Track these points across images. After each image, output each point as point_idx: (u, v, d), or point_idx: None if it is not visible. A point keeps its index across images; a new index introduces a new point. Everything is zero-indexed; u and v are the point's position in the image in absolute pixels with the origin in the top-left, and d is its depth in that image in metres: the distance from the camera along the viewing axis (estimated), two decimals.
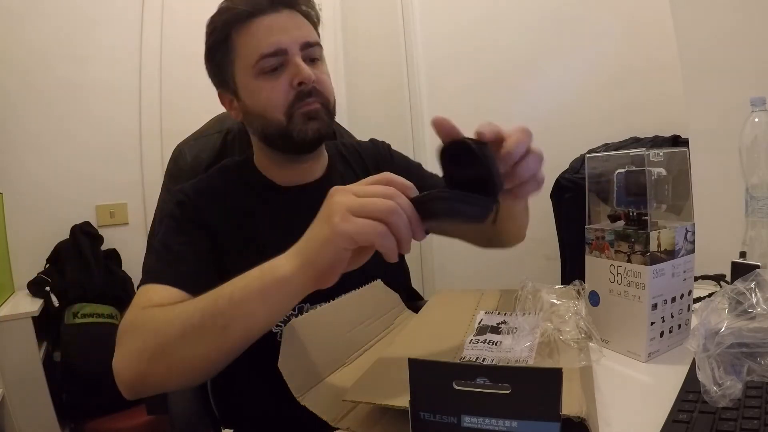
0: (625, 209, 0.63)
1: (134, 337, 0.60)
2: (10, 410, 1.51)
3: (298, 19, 0.77)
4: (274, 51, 0.73)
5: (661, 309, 0.61)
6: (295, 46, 0.74)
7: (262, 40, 0.74)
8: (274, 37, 0.73)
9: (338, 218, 0.47)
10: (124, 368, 0.59)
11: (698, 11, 1.07)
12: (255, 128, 0.80)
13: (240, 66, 0.76)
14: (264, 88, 0.75)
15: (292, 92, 0.74)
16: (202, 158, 0.96)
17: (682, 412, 0.45)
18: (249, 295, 0.53)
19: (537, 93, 2.14)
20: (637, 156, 0.62)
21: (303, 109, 0.75)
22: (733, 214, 0.84)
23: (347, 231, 0.47)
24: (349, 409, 0.52)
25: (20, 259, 1.86)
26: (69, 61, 1.95)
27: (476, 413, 0.38)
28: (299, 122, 0.75)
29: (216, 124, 1.01)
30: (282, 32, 0.74)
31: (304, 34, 0.76)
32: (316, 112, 0.76)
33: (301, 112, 0.75)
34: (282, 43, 0.73)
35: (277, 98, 0.75)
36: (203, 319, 0.55)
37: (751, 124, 0.79)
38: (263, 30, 0.74)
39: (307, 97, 0.75)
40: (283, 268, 0.52)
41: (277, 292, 0.52)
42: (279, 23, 0.74)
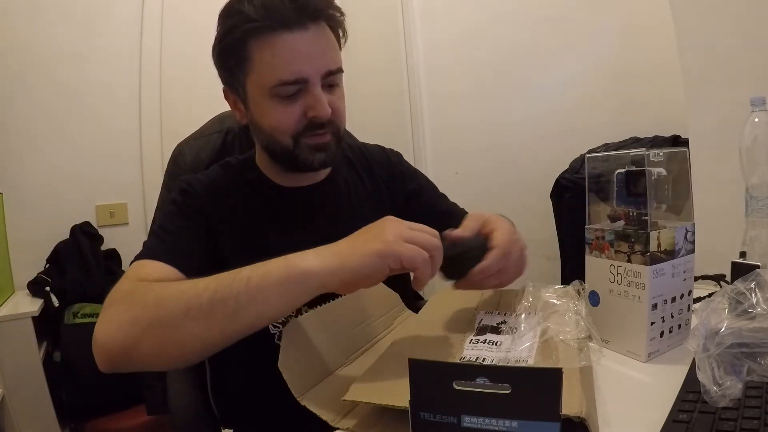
0: (625, 209, 0.63)
1: (129, 306, 0.57)
2: (10, 410, 1.51)
3: (324, 39, 0.72)
4: (295, 80, 0.69)
5: (661, 309, 0.61)
6: (316, 76, 0.70)
7: (284, 64, 0.69)
8: (296, 64, 0.69)
9: (392, 238, 0.54)
10: (110, 336, 0.56)
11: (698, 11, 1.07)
12: (260, 140, 0.79)
13: (254, 80, 0.72)
14: (276, 111, 0.72)
15: (304, 121, 0.72)
16: (202, 158, 0.96)
17: (682, 412, 0.45)
18: (268, 283, 0.54)
19: (537, 93, 2.14)
20: (637, 156, 0.62)
21: (312, 140, 0.73)
22: (733, 214, 0.84)
23: (399, 251, 0.54)
24: (349, 409, 0.52)
25: (20, 259, 1.86)
26: (69, 61, 1.95)
27: (476, 413, 0.38)
28: (306, 151, 0.74)
29: (216, 123, 1.01)
30: (305, 59, 0.69)
31: (328, 61, 0.72)
32: (325, 144, 0.75)
33: (309, 143, 0.73)
34: (305, 72, 0.69)
35: (288, 124, 0.72)
36: (213, 300, 0.53)
37: (751, 124, 0.79)
38: (286, 52, 0.68)
39: (319, 128, 0.73)
40: (311, 263, 0.54)
41: (299, 284, 0.54)
42: (303, 46, 0.69)
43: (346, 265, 0.54)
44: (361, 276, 0.54)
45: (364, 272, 0.54)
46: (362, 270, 0.54)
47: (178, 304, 0.54)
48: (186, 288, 0.56)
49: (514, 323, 0.64)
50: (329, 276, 0.54)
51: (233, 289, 0.54)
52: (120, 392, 1.71)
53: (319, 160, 0.75)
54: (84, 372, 1.68)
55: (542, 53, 2.08)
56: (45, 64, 1.91)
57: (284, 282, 0.54)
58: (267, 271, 0.54)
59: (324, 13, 0.72)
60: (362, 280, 0.55)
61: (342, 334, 0.67)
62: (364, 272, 0.54)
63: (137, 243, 0.74)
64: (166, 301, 0.55)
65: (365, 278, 0.55)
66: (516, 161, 2.18)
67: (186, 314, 0.54)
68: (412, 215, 0.67)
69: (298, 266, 0.54)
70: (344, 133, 0.80)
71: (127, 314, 0.56)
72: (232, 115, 1.02)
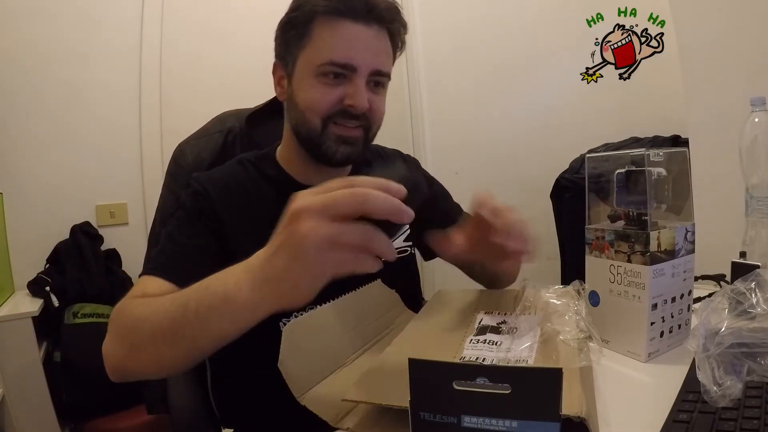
0: (625, 209, 0.63)
1: (118, 325, 0.62)
2: (10, 410, 1.51)
3: (382, 42, 0.75)
4: (344, 64, 0.71)
5: (661, 309, 0.61)
6: (366, 69, 0.72)
7: (339, 46, 0.71)
8: (351, 50, 0.71)
9: (312, 255, 0.41)
10: (108, 353, 0.62)
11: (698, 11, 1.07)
12: (291, 118, 0.79)
13: (306, 56, 0.74)
14: (316, 90, 0.73)
15: (338, 106, 0.73)
16: (203, 157, 0.95)
17: (682, 412, 0.45)
18: (211, 313, 0.50)
19: (537, 93, 2.14)
20: (637, 156, 0.62)
21: (340, 130, 0.74)
22: (733, 214, 0.84)
23: (324, 272, 0.43)
24: (349, 409, 0.52)
25: (20, 259, 1.86)
26: (69, 60, 1.95)
27: (476, 413, 0.38)
28: (332, 140, 0.74)
29: (217, 123, 1.01)
30: (362, 50, 0.72)
31: (380, 62, 0.74)
32: (354, 138, 0.75)
33: (337, 132, 0.74)
34: (356, 60, 0.71)
35: (322, 105, 0.73)
36: (173, 327, 0.54)
37: (751, 124, 0.79)
38: (346, 36, 0.71)
39: (351, 119, 0.74)
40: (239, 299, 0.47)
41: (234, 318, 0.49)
42: (363, 39, 0.72)
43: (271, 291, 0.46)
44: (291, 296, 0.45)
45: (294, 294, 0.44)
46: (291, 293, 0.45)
47: (147, 329, 0.56)
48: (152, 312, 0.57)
49: (514, 323, 0.64)
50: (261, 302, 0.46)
51: (187, 318, 0.52)
52: (120, 392, 1.70)
53: (343, 153, 0.75)
54: (84, 372, 1.68)
55: (543, 52, 2.08)
56: (45, 64, 1.91)
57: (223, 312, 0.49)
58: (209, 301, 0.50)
59: (389, 22, 0.75)
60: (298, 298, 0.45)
61: (342, 334, 0.67)
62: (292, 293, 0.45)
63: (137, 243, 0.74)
64: (139, 325, 0.58)
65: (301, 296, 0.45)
66: (516, 161, 2.18)
67: (152, 339, 0.56)
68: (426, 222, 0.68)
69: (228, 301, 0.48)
70: (373, 136, 0.80)
71: (116, 333, 0.62)
72: (233, 114, 1.02)
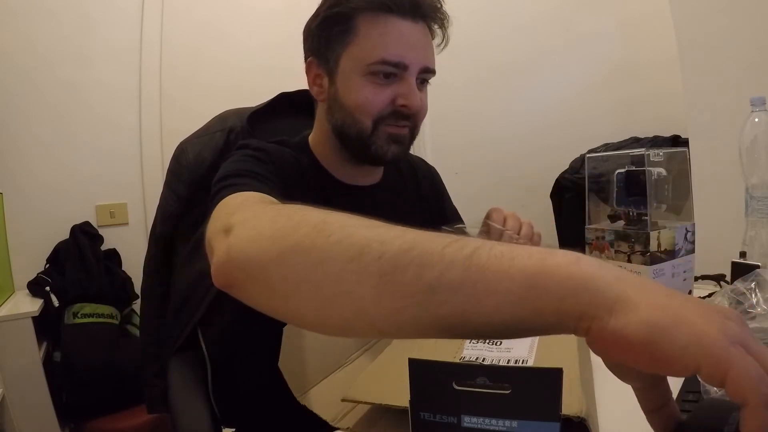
0: (625, 209, 0.63)
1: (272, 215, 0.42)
2: (10, 410, 1.51)
3: (428, 38, 0.75)
4: (397, 62, 0.70)
5: None
6: (416, 67, 0.72)
7: (390, 44, 0.70)
8: (402, 48, 0.70)
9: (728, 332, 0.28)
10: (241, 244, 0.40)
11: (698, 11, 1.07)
12: (335, 119, 0.75)
13: (353, 55, 0.71)
14: (366, 90, 0.71)
15: (390, 107, 0.72)
16: (204, 156, 0.95)
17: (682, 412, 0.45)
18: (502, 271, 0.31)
19: (537, 93, 2.14)
20: (637, 156, 0.62)
21: (391, 129, 0.73)
22: (733, 214, 0.84)
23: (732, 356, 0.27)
24: (349, 409, 0.52)
25: (20, 259, 1.86)
26: (69, 61, 1.95)
27: (476, 413, 0.38)
28: (383, 140, 0.73)
29: (218, 122, 1.01)
30: (412, 47, 0.71)
31: (429, 58, 0.74)
32: (403, 137, 0.75)
33: (388, 131, 0.73)
34: (407, 59, 0.70)
35: (374, 106, 0.71)
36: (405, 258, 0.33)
37: (751, 124, 0.79)
38: (395, 34, 0.70)
39: (403, 119, 0.73)
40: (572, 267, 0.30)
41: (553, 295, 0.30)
42: (412, 36, 0.71)
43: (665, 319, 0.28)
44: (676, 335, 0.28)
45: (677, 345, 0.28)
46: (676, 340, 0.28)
47: (346, 241, 0.35)
48: (361, 224, 0.37)
49: None
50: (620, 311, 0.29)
51: (444, 257, 0.32)
52: (120, 392, 1.71)
53: (393, 152, 0.75)
54: (84, 372, 1.68)
55: (543, 52, 2.08)
56: (45, 64, 1.91)
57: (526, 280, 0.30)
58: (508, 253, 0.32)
59: (434, 18, 0.74)
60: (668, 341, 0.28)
61: None
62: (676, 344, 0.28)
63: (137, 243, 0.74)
64: (329, 228, 0.36)
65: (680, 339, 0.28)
66: (516, 161, 2.18)
67: (352, 259, 0.34)
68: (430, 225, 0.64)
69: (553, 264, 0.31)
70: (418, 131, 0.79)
71: (267, 228, 0.40)
72: (235, 113, 1.02)
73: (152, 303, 0.96)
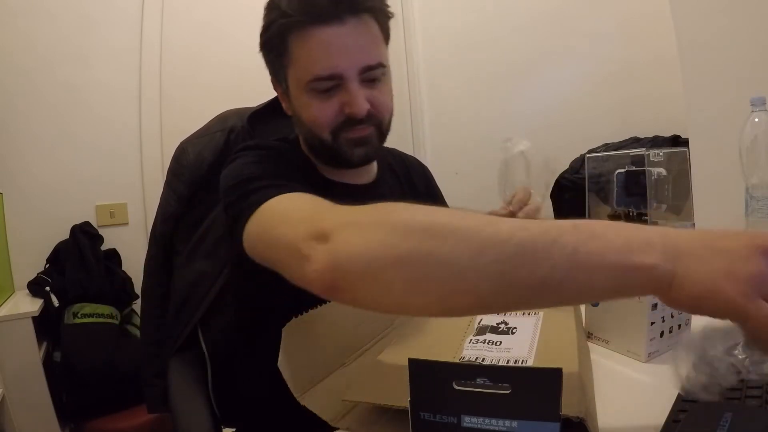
0: (625, 209, 0.63)
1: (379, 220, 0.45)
2: (10, 410, 1.51)
3: (363, 34, 0.69)
4: (329, 75, 0.68)
5: (661, 309, 0.61)
6: (352, 71, 0.68)
7: (318, 59, 0.67)
8: (331, 59, 0.67)
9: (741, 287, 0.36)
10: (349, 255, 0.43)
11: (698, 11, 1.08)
12: (301, 132, 0.77)
13: (293, 75, 0.71)
14: (313, 107, 0.70)
15: (341, 116, 0.70)
16: (204, 156, 0.95)
17: (681, 412, 0.45)
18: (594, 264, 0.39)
19: (537, 92, 2.14)
20: (637, 156, 0.62)
21: (351, 134, 0.71)
22: (733, 214, 0.84)
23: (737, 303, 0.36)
24: (349, 409, 0.52)
25: (20, 259, 1.86)
26: (69, 61, 1.95)
27: (476, 413, 0.38)
28: (345, 146, 0.72)
29: (219, 122, 1.01)
30: (341, 53, 0.67)
31: (366, 57, 0.69)
32: (366, 138, 0.73)
33: (349, 138, 0.72)
34: (338, 68, 0.67)
35: (325, 120, 0.71)
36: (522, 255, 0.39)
37: (751, 124, 0.79)
38: (321, 47, 0.67)
39: (358, 124, 0.71)
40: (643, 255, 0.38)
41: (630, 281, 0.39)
42: (339, 40, 0.67)
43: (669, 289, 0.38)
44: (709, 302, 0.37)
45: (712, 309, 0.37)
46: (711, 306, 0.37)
47: (463, 244, 0.40)
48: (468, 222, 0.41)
49: (514, 323, 0.64)
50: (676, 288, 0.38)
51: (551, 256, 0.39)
52: (120, 392, 1.71)
53: (359, 155, 0.73)
54: (84, 372, 1.68)
55: (543, 53, 2.08)
56: (45, 64, 1.91)
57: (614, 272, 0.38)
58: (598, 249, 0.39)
59: (366, 6, 0.69)
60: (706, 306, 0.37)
61: (342, 334, 0.67)
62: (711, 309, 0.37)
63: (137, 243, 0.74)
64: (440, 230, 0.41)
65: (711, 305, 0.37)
66: None
67: (472, 259, 0.39)
68: None
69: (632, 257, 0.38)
70: (388, 128, 0.77)
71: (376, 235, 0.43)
72: (235, 113, 1.02)
73: (152, 303, 0.96)
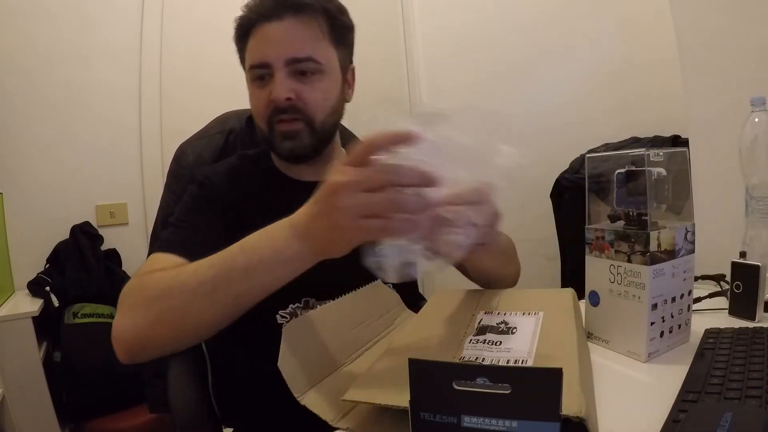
0: (625, 209, 0.63)
1: (138, 299, 0.61)
2: (10, 410, 1.51)
3: (297, 30, 0.75)
4: (259, 63, 0.75)
5: (661, 309, 0.61)
6: (279, 62, 0.74)
7: (254, 50, 0.76)
8: (261, 49, 0.75)
9: (348, 224, 0.49)
10: (126, 330, 0.60)
11: (698, 11, 1.07)
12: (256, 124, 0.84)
13: (245, 68, 0.80)
14: (253, 95, 0.79)
15: (271, 105, 0.76)
16: (204, 158, 0.96)
17: (681, 412, 0.45)
18: (262, 267, 0.55)
19: (537, 93, 2.14)
20: (637, 156, 0.62)
21: (281, 127, 0.77)
22: (733, 214, 0.84)
23: (360, 236, 0.50)
24: (349, 409, 0.52)
25: (20, 259, 1.86)
26: (69, 61, 1.95)
27: (476, 413, 0.38)
28: (277, 138, 0.78)
29: (218, 124, 1.01)
30: (270, 44, 0.74)
31: (294, 49, 0.74)
32: (295, 132, 0.77)
33: (279, 130, 0.77)
34: (266, 57, 0.74)
35: (258, 108, 0.78)
36: (216, 288, 0.56)
37: (751, 124, 0.79)
38: (258, 40, 0.76)
39: (282, 113, 0.76)
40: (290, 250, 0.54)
41: (284, 269, 0.55)
42: (273, 34, 0.74)
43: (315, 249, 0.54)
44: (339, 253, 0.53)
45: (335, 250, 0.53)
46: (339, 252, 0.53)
47: (183, 294, 0.57)
48: (188, 277, 0.58)
49: (513, 323, 0.64)
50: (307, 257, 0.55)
51: (232, 278, 0.56)
52: (120, 392, 1.71)
53: (287, 148, 0.78)
54: (84, 372, 1.68)
55: (543, 53, 2.08)
56: (45, 64, 1.91)
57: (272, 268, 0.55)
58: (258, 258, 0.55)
59: (309, 8, 0.75)
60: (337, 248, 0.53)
61: (342, 334, 0.67)
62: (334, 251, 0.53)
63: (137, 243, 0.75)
64: (171, 292, 0.58)
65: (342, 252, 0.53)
66: None
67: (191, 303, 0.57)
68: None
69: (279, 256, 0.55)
70: (324, 127, 0.80)
71: (138, 309, 0.60)
72: (235, 115, 1.02)
73: None
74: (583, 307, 0.71)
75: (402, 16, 2.45)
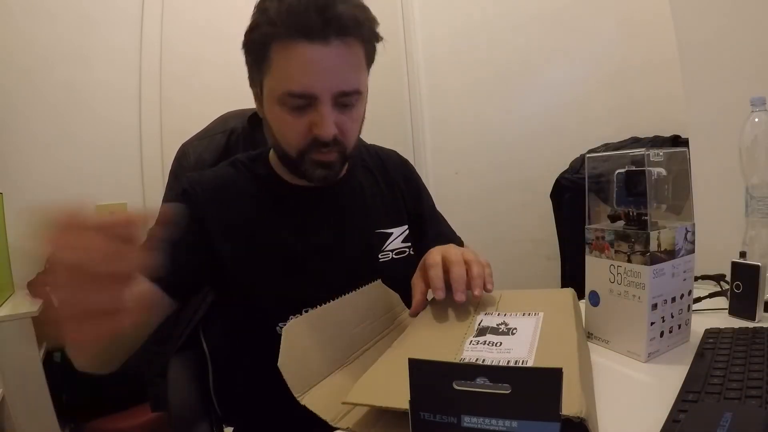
0: (625, 209, 0.63)
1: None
2: (10, 410, 1.51)
3: (345, 58, 0.68)
4: (302, 93, 0.67)
5: (661, 309, 0.61)
6: (327, 95, 0.68)
7: (295, 75, 0.66)
8: (308, 77, 0.66)
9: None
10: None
11: (698, 10, 1.07)
12: (269, 137, 0.78)
13: (268, 83, 0.71)
14: (284, 121, 0.70)
15: (309, 137, 0.70)
16: (205, 158, 0.96)
17: (681, 412, 0.45)
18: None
19: (537, 93, 2.14)
20: (637, 156, 0.62)
21: (317, 156, 0.72)
22: (733, 214, 0.84)
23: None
24: (349, 409, 0.52)
25: (20, 259, 1.86)
26: (69, 61, 1.95)
27: (476, 413, 0.38)
28: (309, 166, 0.73)
29: (220, 124, 1.01)
30: (319, 74, 0.66)
31: (344, 81, 0.68)
32: (330, 162, 0.73)
33: (314, 159, 0.72)
34: (315, 88, 0.67)
35: (293, 137, 0.71)
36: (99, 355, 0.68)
37: (751, 124, 0.79)
38: (300, 63, 0.66)
39: (323, 147, 0.71)
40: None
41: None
42: (320, 60, 0.66)
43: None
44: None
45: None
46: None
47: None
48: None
49: (514, 324, 0.64)
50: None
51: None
52: (120, 392, 1.71)
53: (320, 176, 0.74)
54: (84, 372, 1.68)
55: (542, 53, 2.08)
56: (45, 64, 1.91)
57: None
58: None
59: (356, 30, 0.68)
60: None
61: (342, 334, 0.67)
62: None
63: None
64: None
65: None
66: (516, 161, 2.18)
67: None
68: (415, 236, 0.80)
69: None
70: (352, 153, 0.78)
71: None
72: (237, 115, 1.02)
73: None
74: (583, 307, 0.71)
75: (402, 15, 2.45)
